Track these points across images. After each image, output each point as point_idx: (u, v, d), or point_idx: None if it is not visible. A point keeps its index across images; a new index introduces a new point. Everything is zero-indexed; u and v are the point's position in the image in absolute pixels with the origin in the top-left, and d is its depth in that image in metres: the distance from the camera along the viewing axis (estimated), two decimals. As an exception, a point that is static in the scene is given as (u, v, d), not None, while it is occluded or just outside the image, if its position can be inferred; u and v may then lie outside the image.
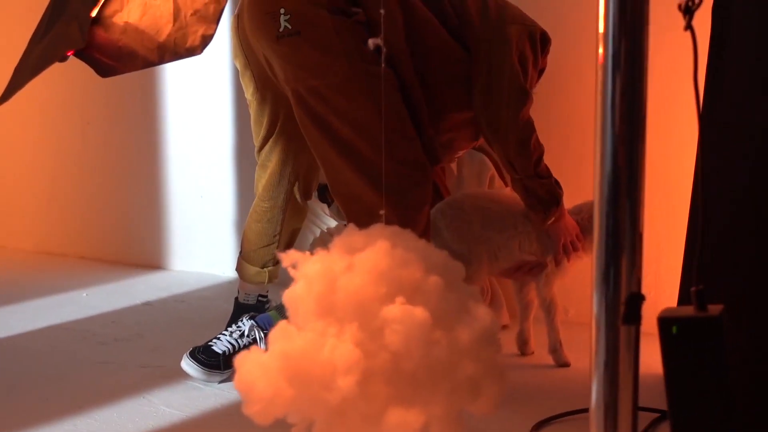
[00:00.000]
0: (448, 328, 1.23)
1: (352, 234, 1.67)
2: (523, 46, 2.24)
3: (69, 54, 1.79)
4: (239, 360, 1.20)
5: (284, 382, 1.16)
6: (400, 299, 1.22)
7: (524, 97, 2.22)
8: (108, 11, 1.74)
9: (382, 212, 1.95)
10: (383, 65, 2.05)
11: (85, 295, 3.29)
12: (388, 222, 2.02)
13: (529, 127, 2.24)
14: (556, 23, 2.61)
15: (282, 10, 2.09)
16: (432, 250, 1.68)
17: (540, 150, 2.28)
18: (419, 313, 1.20)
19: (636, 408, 1.01)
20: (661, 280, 2.58)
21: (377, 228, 1.80)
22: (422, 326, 1.17)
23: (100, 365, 2.48)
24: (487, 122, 2.25)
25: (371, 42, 2.02)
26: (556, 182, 2.33)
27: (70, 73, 2.40)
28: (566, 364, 2.41)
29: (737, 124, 1.85)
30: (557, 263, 2.38)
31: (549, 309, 2.42)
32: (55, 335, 2.78)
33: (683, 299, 2.08)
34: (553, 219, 2.31)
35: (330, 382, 1.14)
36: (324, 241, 2.45)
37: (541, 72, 2.37)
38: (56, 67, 2.53)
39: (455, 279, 1.59)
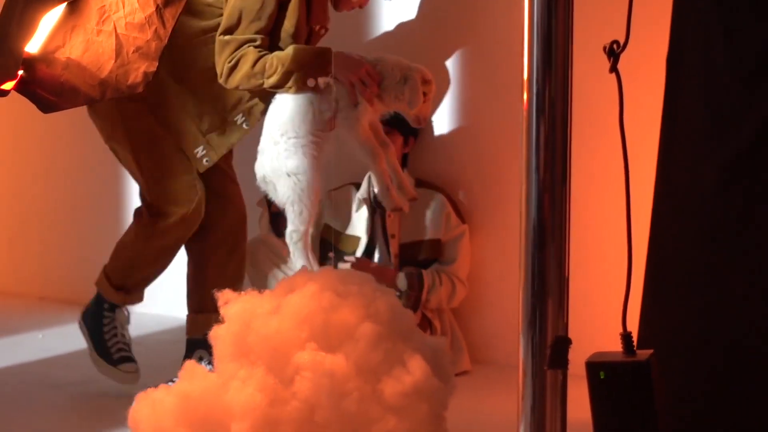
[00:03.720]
0: (372, 380, 1.20)
1: (297, 275, 1.65)
2: None
3: (11, 89, 1.78)
4: (138, 396, 1.18)
5: (173, 422, 1.13)
6: (312, 345, 1.19)
7: None
8: (51, 47, 1.74)
9: (331, 254, 1.96)
10: None
11: (41, 336, 3.22)
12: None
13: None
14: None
15: None
16: (380, 295, 1.62)
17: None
18: (330, 361, 1.16)
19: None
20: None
21: (324, 270, 1.78)
22: (332, 375, 1.14)
23: (50, 410, 2.42)
24: None
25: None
26: None
27: (34, 112, 2.39)
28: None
29: (689, 170, 1.88)
30: (361, 102, 2.34)
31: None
32: (4, 378, 2.72)
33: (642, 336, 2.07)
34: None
35: (225, 427, 1.12)
36: None
37: None
38: (20, 109, 2.51)
39: (401, 328, 1.54)
